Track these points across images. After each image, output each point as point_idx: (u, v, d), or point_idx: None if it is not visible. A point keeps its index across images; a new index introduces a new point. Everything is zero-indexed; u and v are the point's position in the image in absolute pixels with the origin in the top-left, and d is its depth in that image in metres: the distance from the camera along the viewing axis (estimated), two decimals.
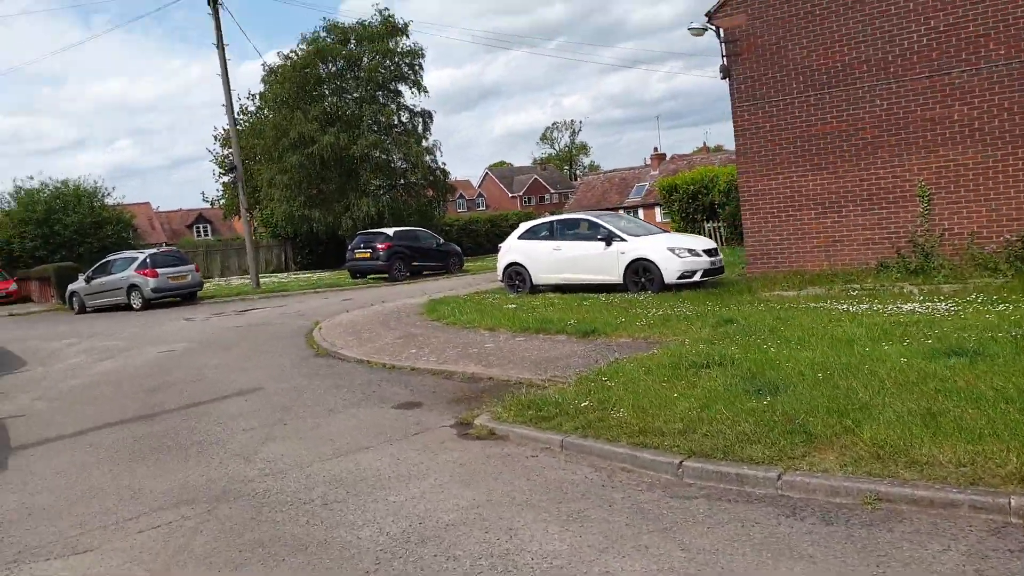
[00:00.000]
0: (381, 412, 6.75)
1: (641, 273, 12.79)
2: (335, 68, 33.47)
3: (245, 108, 37.21)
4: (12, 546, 4.40)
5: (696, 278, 12.59)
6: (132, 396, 8.62)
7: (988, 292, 9.37)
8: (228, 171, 34.96)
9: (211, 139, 54.95)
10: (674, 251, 12.66)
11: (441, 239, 26.88)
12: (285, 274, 33.63)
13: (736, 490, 4.18)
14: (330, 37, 33.08)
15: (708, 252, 12.99)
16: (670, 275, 12.47)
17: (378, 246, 23.47)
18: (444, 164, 35.11)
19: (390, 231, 24.51)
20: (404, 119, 34.42)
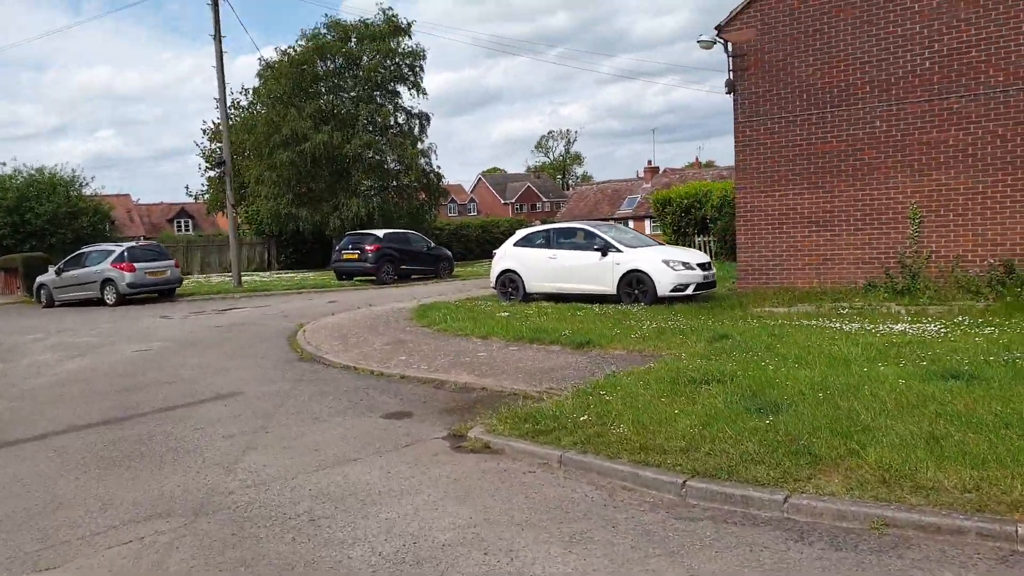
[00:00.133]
0: (370, 421, 6.52)
1: (635, 285, 12.78)
2: (333, 66, 33.16)
3: (237, 103, 36.90)
4: None
5: (689, 291, 12.61)
6: (103, 397, 8.11)
7: (972, 315, 9.51)
8: (216, 166, 34.55)
9: (199, 133, 54.29)
10: (669, 263, 12.67)
11: (431, 243, 26.62)
12: (268, 273, 33.25)
13: (741, 512, 4.12)
14: (331, 34, 32.73)
15: (702, 266, 13.02)
16: (663, 288, 12.48)
17: (367, 248, 23.09)
18: (439, 167, 35.00)
19: (380, 232, 24.22)
20: (401, 120, 34.19)
